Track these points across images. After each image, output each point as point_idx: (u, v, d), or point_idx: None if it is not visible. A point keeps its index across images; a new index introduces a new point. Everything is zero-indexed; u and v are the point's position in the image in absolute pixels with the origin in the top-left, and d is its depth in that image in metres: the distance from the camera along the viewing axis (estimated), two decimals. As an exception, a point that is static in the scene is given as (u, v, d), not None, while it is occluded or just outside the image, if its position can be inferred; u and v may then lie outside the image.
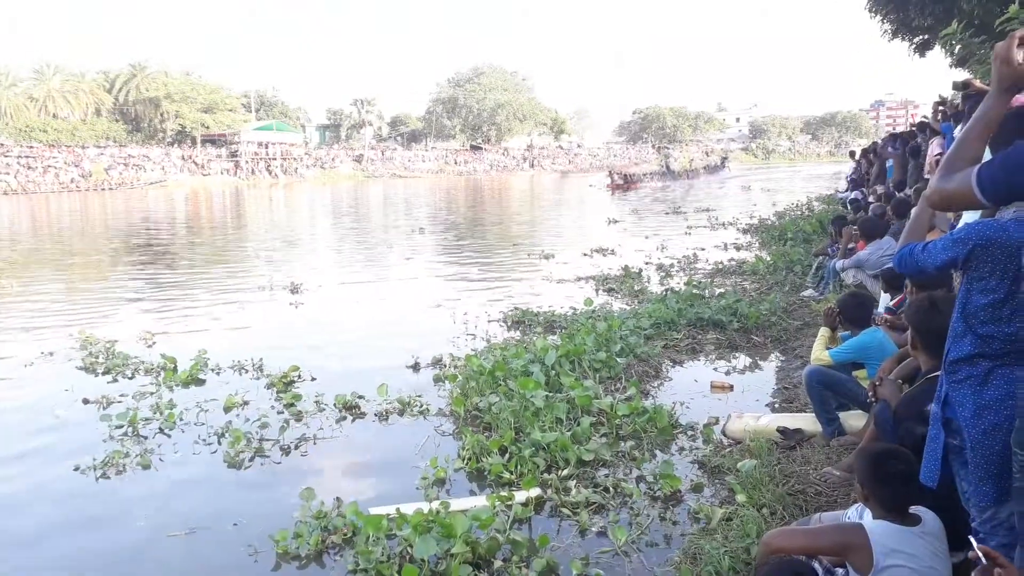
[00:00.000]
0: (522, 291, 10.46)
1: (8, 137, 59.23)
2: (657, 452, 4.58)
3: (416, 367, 6.64)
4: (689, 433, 4.88)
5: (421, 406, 5.54)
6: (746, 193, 35.75)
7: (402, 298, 10.39)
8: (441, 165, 77.42)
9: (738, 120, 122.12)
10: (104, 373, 6.64)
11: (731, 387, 5.89)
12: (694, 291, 8.80)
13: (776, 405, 5.44)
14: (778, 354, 6.83)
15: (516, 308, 8.68)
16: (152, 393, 5.97)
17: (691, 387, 5.92)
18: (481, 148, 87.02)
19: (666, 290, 9.36)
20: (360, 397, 5.69)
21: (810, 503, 3.57)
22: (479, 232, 20.94)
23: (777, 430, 4.53)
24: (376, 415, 5.48)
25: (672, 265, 12.01)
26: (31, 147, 57.33)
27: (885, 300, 5.62)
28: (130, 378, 6.48)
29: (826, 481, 3.74)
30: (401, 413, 5.49)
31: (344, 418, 5.46)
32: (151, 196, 45.05)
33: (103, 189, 52.39)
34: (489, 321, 8.37)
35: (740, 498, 3.66)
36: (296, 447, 4.94)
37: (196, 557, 3.67)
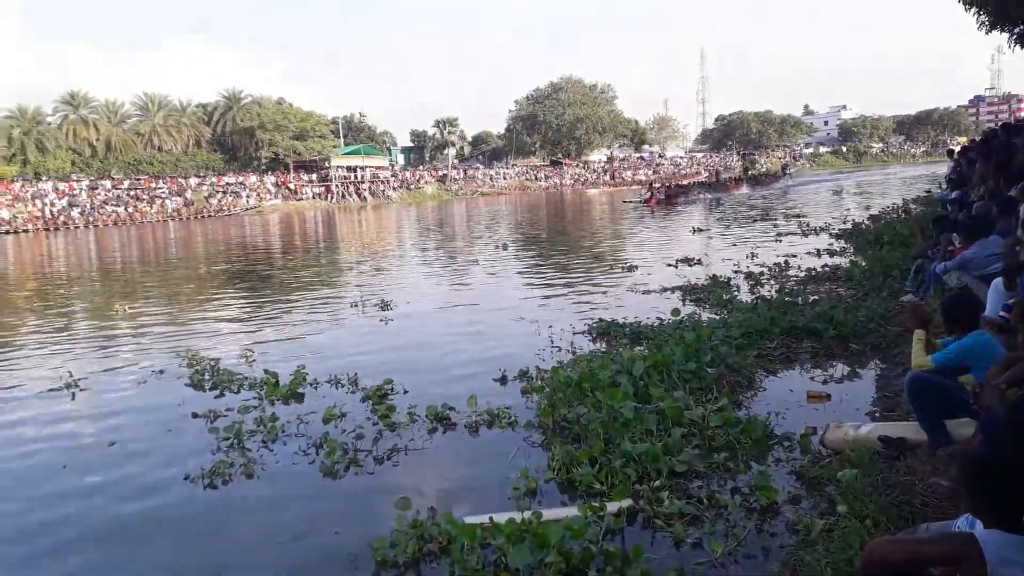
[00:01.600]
0: (606, 303, 10.42)
1: (118, 171, 63.27)
2: (752, 463, 4.47)
3: (503, 380, 6.70)
4: (785, 444, 4.75)
5: (509, 418, 5.58)
6: (838, 197, 34.50)
7: (488, 313, 10.51)
8: (522, 181, 77.98)
9: (826, 123, 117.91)
10: (211, 389, 7.01)
11: (828, 396, 5.69)
12: (787, 299, 8.55)
13: (877, 414, 5.22)
14: (877, 361, 6.56)
15: (601, 320, 8.65)
16: (255, 407, 6.26)
17: (786, 397, 5.75)
18: (561, 163, 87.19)
19: (757, 298, 9.13)
20: (450, 409, 5.79)
21: (916, 515, 3.41)
22: (561, 246, 20.96)
23: (879, 439, 4.35)
24: (466, 426, 5.57)
25: (762, 273, 11.71)
26: (139, 179, 61.05)
27: (994, 301, 5.31)
28: (236, 393, 6.82)
29: (933, 492, 3.57)
30: (490, 425, 5.56)
31: (435, 429, 5.57)
32: (248, 221, 47.19)
33: (203, 216, 55.23)
34: (574, 333, 8.36)
35: (841, 509, 3.54)
36: (388, 457, 5.08)
37: (301, 563, 3.81)
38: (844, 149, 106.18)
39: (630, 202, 38.76)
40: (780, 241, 16.67)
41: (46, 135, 62.46)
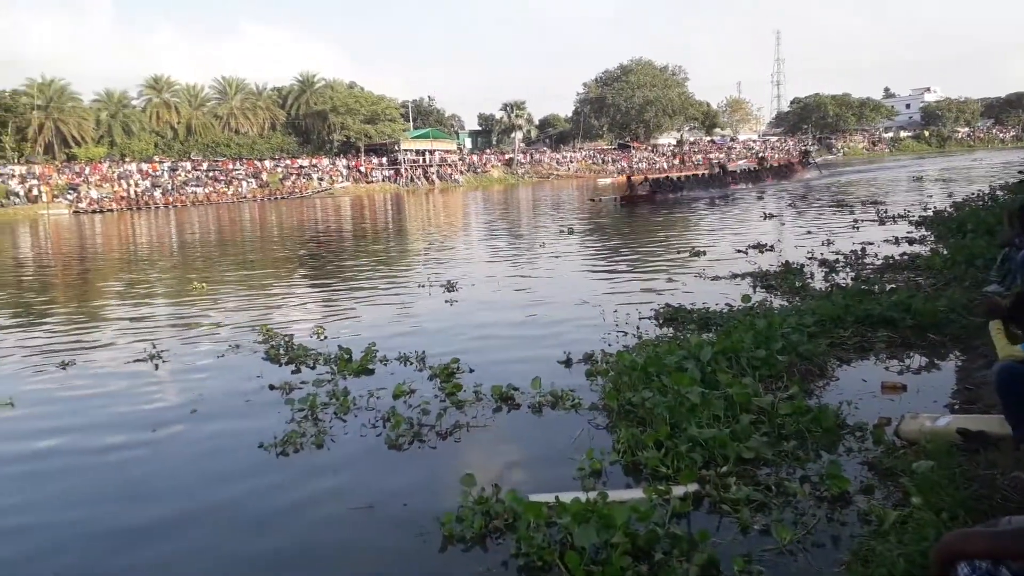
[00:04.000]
0: (673, 288, 10.30)
1: (198, 153, 65.56)
2: (822, 452, 4.38)
3: (568, 362, 6.72)
4: (857, 434, 4.63)
5: (573, 400, 5.60)
6: (918, 184, 33.14)
7: (552, 295, 10.52)
8: (588, 165, 77.43)
9: (908, 107, 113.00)
10: (288, 363, 7.26)
11: (904, 387, 5.52)
12: (862, 287, 8.30)
13: (956, 406, 5.03)
14: (958, 353, 6.31)
15: (668, 305, 8.57)
16: (329, 381, 6.46)
17: (859, 387, 5.60)
18: (629, 146, 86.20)
19: (831, 286, 8.89)
20: (515, 389, 5.84)
21: (996, 509, 3.29)
22: (627, 230, 20.78)
23: (957, 432, 4.20)
24: (530, 407, 5.61)
25: (837, 260, 11.38)
26: (217, 161, 63.13)
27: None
28: (311, 367, 7.05)
29: (1016, 487, 3.44)
30: (554, 406, 5.58)
31: (500, 409, 5.64)
32: (319, 203, 48.31)
33: (276, 198, 56.81)
34: (640, 318, 8.31)
35: (916, 501, 3.44)
36: (451, 433, 5.17)
37: (373, 533, 3.92)
38: (926, 133, 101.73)
39: (597, 200, 32.03)
40: (857, 228, 16.16)
41: (131, 118, 65.16)
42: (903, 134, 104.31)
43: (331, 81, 75.47)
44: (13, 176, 52.32)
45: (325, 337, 8.32)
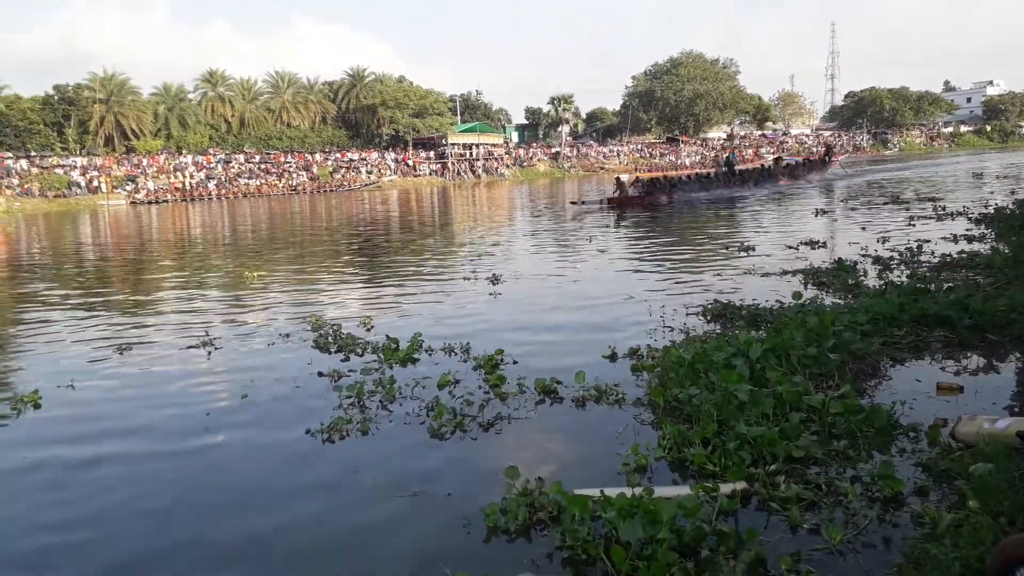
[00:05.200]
0: (721, 284, 10.16)
1: (251, 145, 66.86)
2: (874, 453, 4.29)
3: (613, 357, 6.68)
4: (911, 435, 4.52)
5: (618, 395, 5.57)
6: (978, 180, 32.05)
7: (598, 289, 10.46)
8: (636, 159, 76.77)
9: (969, 100, 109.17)
10: (337, 351, 7.38)
11: (960, 388, 5.36)
12: (918, 285, 8.08)
13: (1016, 409, 4.88)
14: (1018, 355, 6.11)
15: (716, 301, 8.45)
16: (376, 369, 6.56)
17: (914, 387, 5.46)
18: (678, 140, 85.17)
19: (885, 284, 8.67)
20: (558, 383, 5.84)
21: (1060, 516, 3.18)
22: (674, 225, 20.55)
23: (1017, 435, 4.07)
24: (573, 401, 5.60)
25: (892, 258, 11.09)
26: (269, 154, 64.33)
27: None
28: (359, 356, 7.17)
29: (1081, 494, 3.31)
30: (598, 400, 5.56)
31: (543, 401, 5.64)
32: (367, 196, 48.87)
33: (325, 191, 57.65)
34: (687, 314, 8.22)
35: (972, 504, 3.34)
36: (492, 424, 5.19)
37: (418, 522, 3.96)
38: (988, 128, 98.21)
39: (580, 203, 27.94)
40: (913, 225, 15.72)
41: (187, 111, 66.70)
42: (963, 129, 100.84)
43: (381, 75, 76.16)
44: (75, 168, 54.04)
45: (372, 327, 8.43)
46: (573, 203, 29.09)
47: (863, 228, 15.83)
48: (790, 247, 13.27)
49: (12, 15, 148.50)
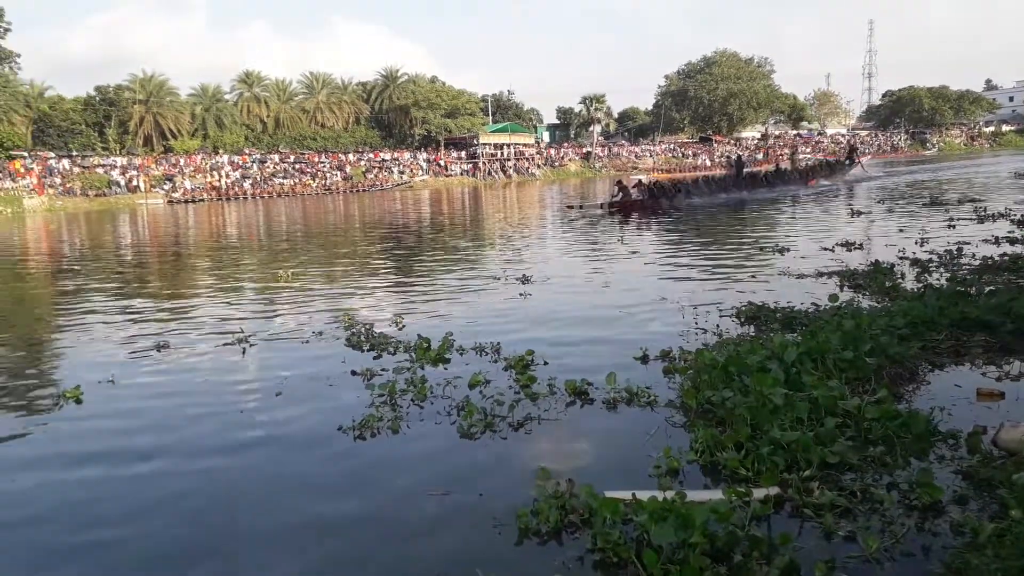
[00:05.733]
0: (755, 286, 10.05)
1: (285, 146, 67.70)
2: (912, 459, 4.21)
3: (645, 358, 6.63)
4: (950, 442, 4.42)
5: (649, 397, 5.53)
6: (1021, 181, 31.26)
7: (630, 290, 10.41)
8: (668, 159, 76.24)
9: (1011, 99, 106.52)
10: (369, 350, 7.45)
11: (1002, 395, 5.23)
12: (958, 288, 7.91)
13: (1063, 418, 4.75)
14: (1065, 361, 5.95)
15: (749, 303, 8.36)
16: (407, 369, 6.60)
17: (953, 393, 5.34)
18: (711, 140, 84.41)
19: (924, 287, 8.51)
20: (589, 384, 5.81)
21: (1107, 528, 3.10)
22: (707, 226, 20.36)
23: (1064, 445, 3.97)
24: (604, 402, 5.57)
25: (931, 260, 10.87)
26: (303, 154, 65.08)
27: None
28: (392, 354, 7.22)
29: None
30: (629, 402, 5.52)
31: (573, 403, 5.62)
32: (399, 196, 49.20)
33: (358, 191, 58.15)
34: (720, 315, 8.14)
35: (1015, 513, 3.27)
36: (522, 425, 5.19)
37: (449, 521, 3.97)
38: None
39: (579, 207, 26.30)
40: (953, 227, 15.40)
41: (224, 112, 67.72)
42: (1005, 128, 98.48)
43: (414, 76, 76.62)
44: (115, 167, 55.19)
45: (403, 326, 8.49)
46: (570, 207, 27.38)
47: (901, 230, 15.55)
48: (825, 248, 13.08)
49: (58, 17, 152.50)
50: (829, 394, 4.79)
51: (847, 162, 38.90)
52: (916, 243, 12.99)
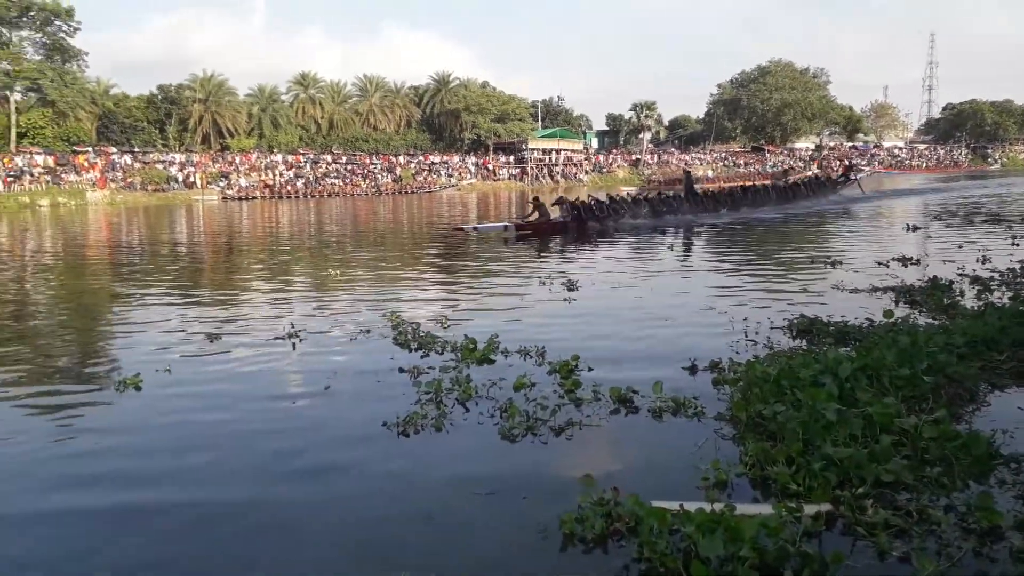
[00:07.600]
0: (807, 299, 9.84)
1: (338, 147, 68.79)
2: (971, 482, 4.07)
3: (693, 369, 6.55)
4: (1012, 466, 4.27)
5: (696, 407, 5.45)
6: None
7: (678, 299, 10.31)
8: (719, 167, 75.33)
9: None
10: (417, 348, 7.52)
11: (1069, 420, 5.03)
12: (1021, 307, 7.64)
13: None
14: None
15: (802, 316, 8.19)
16: (453, 368, 6.64)
17: (1015, 415, 5.16)
18: (763, 149, 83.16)
19: (985, 305, 8.24)
20: (634, 392, 5.75)
21: None
22: (756, 237, 20.04)
23: None
24: (649, 411, 5.50)
25: (992, 278, 10.53)
26: (355, 155, 66.02)
27: None
28: (439, 354, 7.28)
29: None
30: (675, 412, 5.45)
31: (617, 410, 5.56)
32: (446, 198, 49.56)
33: (407, 192, 58.79)
34: (772, 328, 8.00)
35: (1082, 544, 3.14)
36: (563, 430, 5.16)
37: (491, 522, 3.97)
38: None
39: (472, 230, 21.37)
40: (1016, 245, 14.89)
41: (280, 112, 69.24)
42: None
43: (465, 80, 77.28)
44: (174, 163, 56.80)
45: (448, 326, 8.54)
46: (459, 230, 22.09)
47: (960, 247, 15.09)
48: (880, 263, 12.76)
49: (124, 18, 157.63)
50: (885, 411, 4.66)
51: (841, 180, 35.52)
52: (977, 260, 12.60)
